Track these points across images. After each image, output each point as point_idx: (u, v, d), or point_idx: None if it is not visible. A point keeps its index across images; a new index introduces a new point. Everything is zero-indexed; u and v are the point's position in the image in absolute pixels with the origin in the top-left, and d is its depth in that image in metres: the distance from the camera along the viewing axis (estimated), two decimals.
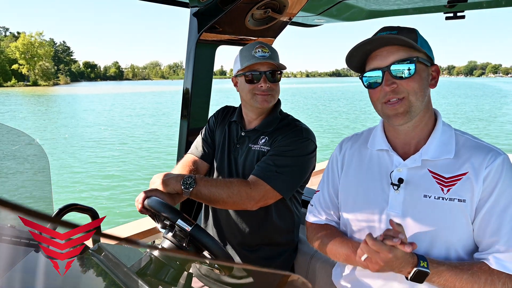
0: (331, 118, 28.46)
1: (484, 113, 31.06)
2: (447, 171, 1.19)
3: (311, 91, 75.34)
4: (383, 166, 1.31)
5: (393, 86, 1.17)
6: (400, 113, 1.18)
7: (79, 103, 46.00)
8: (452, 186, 1.17)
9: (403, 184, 1.24)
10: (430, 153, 1.22)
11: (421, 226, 1.20)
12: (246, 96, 1.82)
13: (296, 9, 2.29)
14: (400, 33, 1.18)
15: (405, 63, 1.16)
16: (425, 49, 1.19)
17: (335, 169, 1.47)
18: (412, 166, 1.23)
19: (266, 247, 1.90)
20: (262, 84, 1.77)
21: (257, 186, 1.67)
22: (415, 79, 1.16)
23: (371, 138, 1.39)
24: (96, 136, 19.74)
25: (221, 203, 1.68)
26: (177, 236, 1.31)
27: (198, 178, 1.66)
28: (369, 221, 1.31)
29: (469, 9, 2.58)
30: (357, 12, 2.80)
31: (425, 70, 1.20)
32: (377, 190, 1.30)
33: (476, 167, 1.16)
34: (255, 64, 1.77)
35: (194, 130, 2.35)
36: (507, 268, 1.11)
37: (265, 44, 1.83)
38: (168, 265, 1.24)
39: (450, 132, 1.25)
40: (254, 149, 1.83)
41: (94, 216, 1.49)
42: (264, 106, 1.81)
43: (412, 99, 1.17)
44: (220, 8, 2.10)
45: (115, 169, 12.93)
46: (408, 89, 1.17)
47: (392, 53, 1.17)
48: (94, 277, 1.17)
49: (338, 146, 1.51)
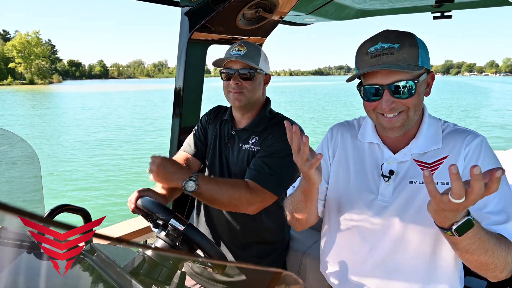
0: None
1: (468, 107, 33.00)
2: (430, 157, 1.24)
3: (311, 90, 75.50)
4: (374, 158, 1.35)
5: (393, 106, 1.17)
6: (396, 127, 1.20)
7: (88, 101, 45.70)
8: (435, 170, 1.22)
9: (393, 176, 1.28)
10: (419, 147, 1.26)
11: (408, 210, 1.24)
12: (224, 93, 1.86)
13: (287, 8, 2.30)
14: (402, 48, 1.14)
15: (407, 84, 1.15)
16: (425, 64, 1.17)
17: (326, 154, 1.48)
18: (402, 160, 1.28)
19: (257, 245, 1.92)
20: (231, 82, 1.79)
21: (257, 192, 1.69)
22: (415, 97, 1.17)
23: (362, 130, 1.40)
24: (95, 136, 19.62)
25: (221, 206, 1.70)
26: (170, 235, 1.31)
27: (201, 178, 1.64)
28: (357, 213, 1.34)
29: (456, 9, 2.62)
30: (347, 11, 2.83)
31: (423, 84, 1.20)
32: (368, 181, 1.33)
33: (457, 149, 1.20)
34: (228, 61, 1.81)
35: (186, 129, 2.36)
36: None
37: (246, 43, 1.84)
38: (162, 264, 1.24)
39: (437, 124, 1.29)
40: (245, 149, 1.84)
41: (86, 216, 1.48)
42: (235, 104, 1.83)
43: (410, 114, 1.19)
44: (212, 8, 2.10)
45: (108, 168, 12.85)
46: (408, 105, 1.18)
47: (393, 73, 1.15)
48: (87, 277, 1.17)
49: (329, 131, 1.51)
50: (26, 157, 1.42)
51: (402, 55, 1.14)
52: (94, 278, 1.16)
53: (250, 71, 1.80)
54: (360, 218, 1.34)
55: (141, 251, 1.28)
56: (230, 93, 1.81)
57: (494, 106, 36.00)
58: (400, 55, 1.14)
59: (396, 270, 1.29)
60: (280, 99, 46.88)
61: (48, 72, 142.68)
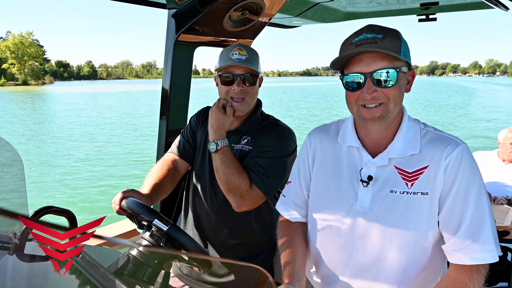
0: None
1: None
2: (411, 166, 1.24)
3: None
4: (353, 162, 1.34)
5: (374, 94, 1.19)
6: (377, 118, 1.21)
7: (87, 102, 45.70)
8: (415, 180, 1.22)
9: (372, 181, 1.28)
10: (397, 151, 1.25)
11: (388, 219, 1.24)
12: (222, 97, 1.85)
13: (273, 11, 2.32)
14: (385, 38, 1.18)
15: (388, 73, 1.17)
16: (406, 57, 1.21)
17: (306, 161, 1.48)
18: (380, 164, 1.27)
19: (245, 246, 1.93)
20: (235, 87, 1.79)
21: (251, 190, 1.71)
22: (396, 88, 1.19)
23: (341, 132, 1.40)
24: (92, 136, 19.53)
25: (219, 181, 1.75)
26: (154, 235, 1.32)
27: (224, 149, 1.75)
28: (337, 218, 1.34)
29: (441, 11, 2.67)
30: (334, 14, 2.87)
31: (403, 77, 1.23)
32: (347, 186, 1.33)
33: (437, 159, 1.21)
34: (230, 66, 1.79)
35: (173, 131, 2.36)
36: (477, 259, 1.16)
37: (245, 46, 1.84)
38: (146, 264, 1.25)
39: (416, 127, 1.29)
40: (236, 148, 1.85)
41: (72, 218, 1.47)
42: (237, 114, 1.84)
43: (390, 106, 1.21)
44: (198, 10, 2.11)
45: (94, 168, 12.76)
46: (389, 96, 1.20)
47: (375, 61, 1.17)
48: (71, 278, 1.17)
49: (308, 137, 1.51)
50: (10, 159, 1.41)
51: (385, 44, 1.17)
52: (77, 279, 1.16)
53: (253, 76, 1.82)
54: (340, 223, 1.34)
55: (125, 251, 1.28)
56: (232, 99, 1.81)
57: (482, 103, 39.33)
58: (384, 44, 1.17)
59: (375, 275, 1.30)
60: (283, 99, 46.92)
61: (41, 73, 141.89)
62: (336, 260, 1.38)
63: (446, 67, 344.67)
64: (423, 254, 1.26)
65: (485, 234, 1.16)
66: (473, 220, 1.17)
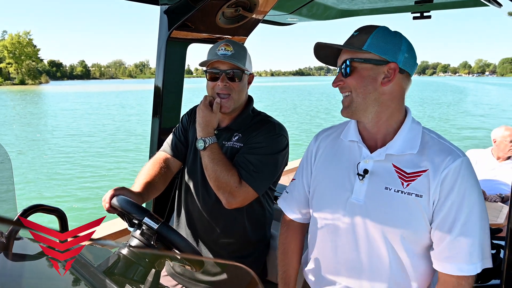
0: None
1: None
2: (409, 166, 1.24)
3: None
4: (352, 156, 1.36)
5: (340, 83, 1.30)
6: (344, 107, 1.31)
7: (87, 102, 45.74)
8: (412, 181, 1.22)
9: (368, 175, 1.29)
10: (395, 148, 1.26)
11: (380, 215, 1.25)
12: (208, 93, 1.84)
13: (267, 7, 2.31)
14: (359, 34, 1.28)
15: (345, 64, 1.27)
16: (373, 50, 1.23)
17: (309, 161, 1.51)
18: (377, 159, 1.28)
19: (239, 244, 1.92)
20: (219, 83, 1.77)
21: (241, 188, 1.69)
22: (354, 77, 1.26)
23: (345, 129, 1.44)
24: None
25: (209, 178, 1.73)
26: (144, 234, 1.30)
27: (212, 146, 1.74)
28: (334, 213, 1.35)
29: (436, 9, 2.67)
30: (328, 11, 2.86)
31: (370, 69, 1.24)
32: (344, 179, 1.35)
33: (436, 167, 1.20)
34: (215, 62, 1.78)
35: (165, 129, 2.34)
36: (462, 270, 1.18)
37: (232, 42, 1.82)
38: (137, 263, 1.23)
39: (418, 129, 1.30)
40: (227, 145, 1.84)
41: (62, 217, 1.44)
42: (223, 111, 1.82)
43: (353, 95, 1.27)
44: (191, 6, 2.09)
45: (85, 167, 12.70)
46: (350, 86, 1.27)
47: (342, 55, 1.31)
48: (60, 277, 1.15)
49: (315, 137, 1.55)
50: None
51: (353, 39, 1.28)
52: (66, 278, 1.14)
53: (238, 73, 1.79)
54: (335, 217, 1.35)
55: (116, 250, 1.26)
56: (218, 95, 1.79)
57: (474, 101, 43.04)
58: (351, 40, 1.29)
59: (368, 271, 1.30)
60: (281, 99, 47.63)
61: (37, 73, 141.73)
62: (330, 253, 1.39)
63: (436, 67, 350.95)
64: (414, 255, 1.26)
65: (473, 247, 1.17)
66: (463, 232, 1.17)
